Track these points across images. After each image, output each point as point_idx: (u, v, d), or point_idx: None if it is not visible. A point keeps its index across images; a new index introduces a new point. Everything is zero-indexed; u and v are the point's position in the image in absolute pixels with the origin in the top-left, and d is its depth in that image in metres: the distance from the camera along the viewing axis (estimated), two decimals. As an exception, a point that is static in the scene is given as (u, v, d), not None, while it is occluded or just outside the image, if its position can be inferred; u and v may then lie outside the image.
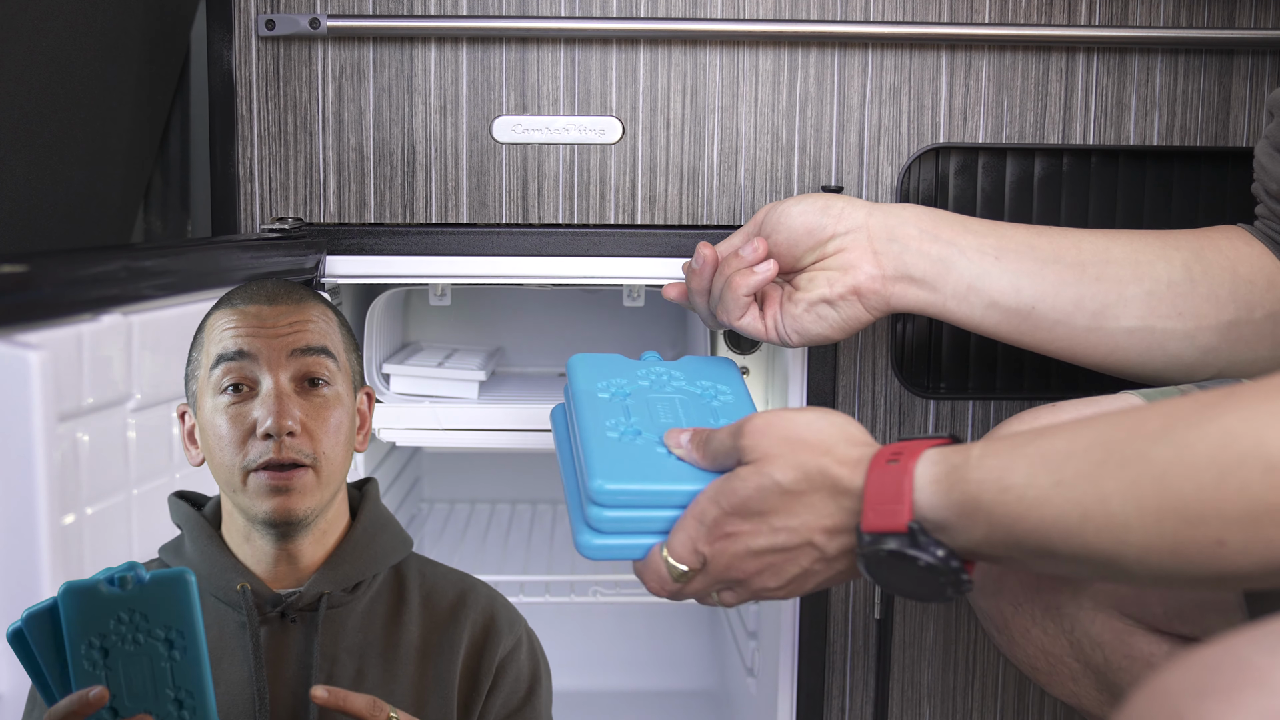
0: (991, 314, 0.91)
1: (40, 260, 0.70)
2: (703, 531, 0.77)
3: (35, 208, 1.06)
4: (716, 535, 0.76)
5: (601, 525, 0.79)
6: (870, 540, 0.70)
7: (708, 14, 1.07)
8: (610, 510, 0.78)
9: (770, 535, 0.75)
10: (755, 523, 0.75)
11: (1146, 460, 0.60)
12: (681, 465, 0.80)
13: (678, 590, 0.79)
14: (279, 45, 1.06)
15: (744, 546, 0.75)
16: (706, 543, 0.77)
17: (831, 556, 0.75)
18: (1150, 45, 1.08)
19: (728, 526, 0.76)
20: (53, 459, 0.70)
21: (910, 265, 0.91)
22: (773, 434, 0.75)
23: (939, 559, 0.69)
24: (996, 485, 0.66)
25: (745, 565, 0.76)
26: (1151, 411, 0.63)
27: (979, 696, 1.16)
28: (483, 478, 1.65)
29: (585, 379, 0.92)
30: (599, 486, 0.78)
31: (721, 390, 0.93)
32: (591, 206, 1.09)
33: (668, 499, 0.78)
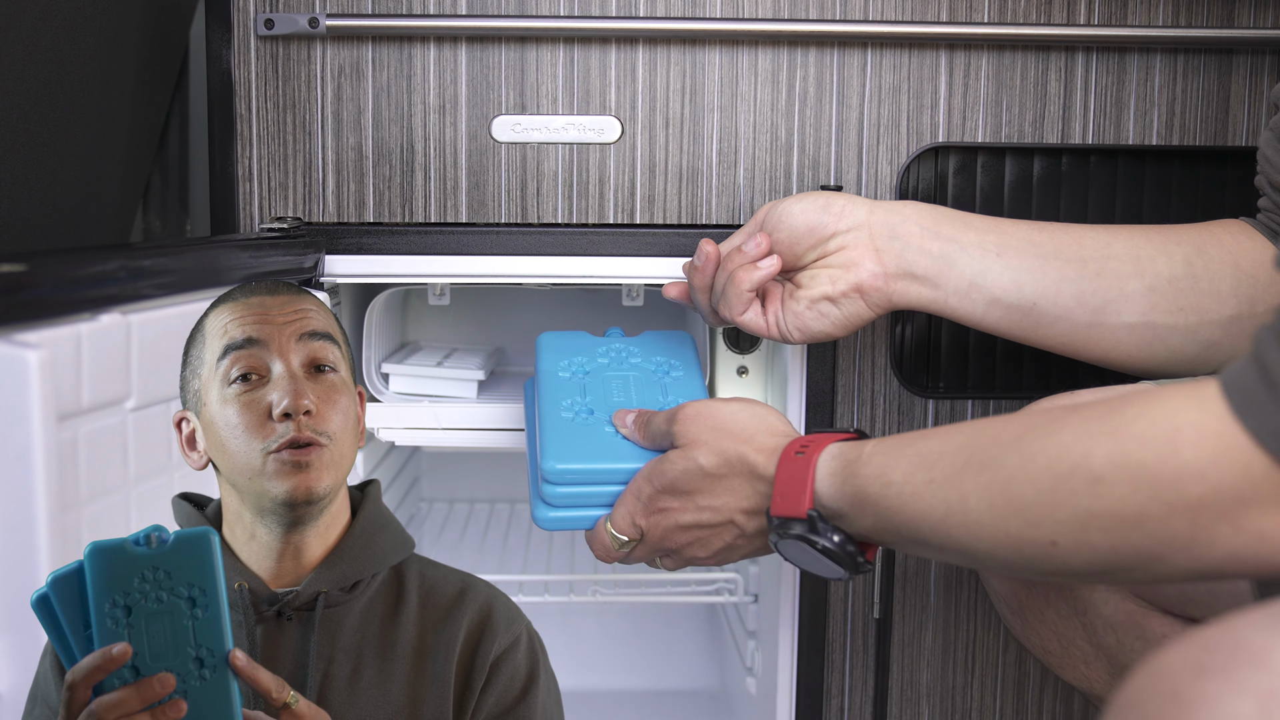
0: (993, 311, 0.91)
1: (39, 260, 0.70)
2: (639, 506, 0.86)
3: (34, 207, 1.06)
4: (651, 510, 0.85)
5: (554, 500, 0.89)
6: (778, 524, 0.79)
7: (707, 13, 1.07)
8: (561, 487, 0.88)
9: (696, 513, 0.84)
10: (683, 500, 0.84)
11: (999, 465, 0.67)
12: (626, 444, 0.90)
13: (623, 558, 0.88)
14: (278, 44, 1.06)
15: (674, 521, 0.84)
16: (643, 516, 0.86)
17: (750, 534, 0.84)
18: (1149, 44, 1.08)
19: (660, 503, 0.85)
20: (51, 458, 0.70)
21: (912, 262, 0.91)
22: (701, 422, 0.85)
23: (835, 544, 0.77)
24: (880, 480, 0.74)
25: (677, 537, 0.85)
26: (1012, 421, 0.69)
27: (978, 696, 1.16)
28: (482, 477, 1.65)
29: (550, 358, 1.04)
30: (550, 466, 0.88)
31: (674, 365, 1.04)
32: (590, 206, 1.09)
33: (612, 476, 0.88)
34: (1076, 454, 0.63)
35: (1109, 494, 0.61)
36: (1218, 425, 0.58)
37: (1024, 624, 0.96)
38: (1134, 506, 0.61)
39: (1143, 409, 0.61)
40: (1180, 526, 0.60)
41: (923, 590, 1.14)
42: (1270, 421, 0.56)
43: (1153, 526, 0.61)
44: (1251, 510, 0.58)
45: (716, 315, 0.98)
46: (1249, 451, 0.57)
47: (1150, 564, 0.63)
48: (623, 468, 0.88)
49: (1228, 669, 0.46)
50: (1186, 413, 0.59)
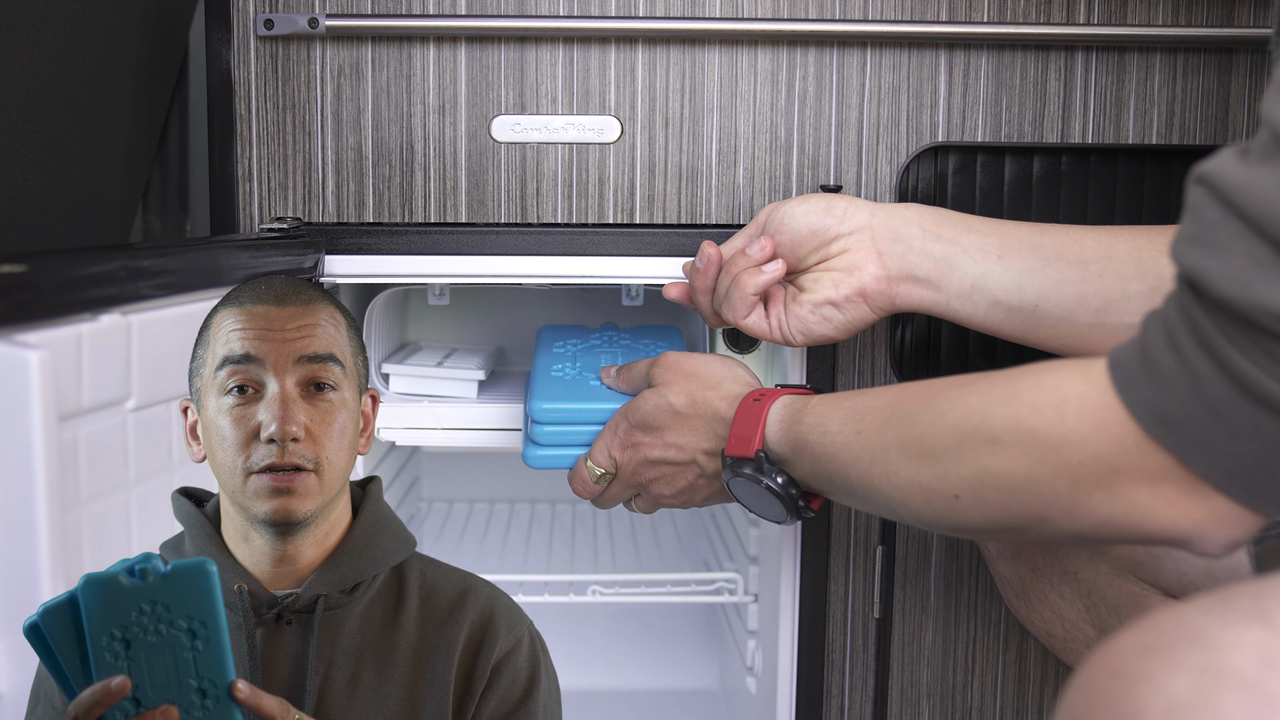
0: (995, 313, 0.91)
1: (39, 260, 0.70)
2: (615, 441, 0.95)
3: (34, 207, 1.06)
4: (625, 444, 0.95)
5: (540, 439, 0.99)
6: (731, 463, 0.88)
7: (706, 13, 1.07)
8: (548, 426, 0.98)
9: (663, 449, 0.93)
10: (653, 436, 0.93)
11: (915, 421, 0.74)
12: (608, 392, 1.00)
13: (599, 493, 0.97)
14: (277, 45, 1.06)
15: (644, 456, 0.94)
16: (619, 450, 0.95)
17: (710, 475, 0.93)
18: (1149, 43, 1.08)
19: (633, 438, 0.94)
20: (52, 458, 0.70)
21: (914, 265, 0.91)
22: (677, 367, 0.94)
23: (779, 485, 0.86)
24: (818, 429, 0.82)
25: (646, 472, 0.94)
26: (934, 383, 0.76)
27: (978, 695, 1.16)
28: (482, 477, 1.65)
29: (548, 339, 1.15)
30: (537, 406, 0.98)
31: (660, 346, 1.12)
32: (590, 206, 1.09)
33: (593, 416, 0.98)
34: (979, 416, 0.69)
35: (1003, 455, 0.67)
36: (1100, 398, 0.63)
37: (1027, 607, 0.98)
38: (1024, 468, 0.66)
39: (1038, 379, 0.67)
40: (1062, 490, 0.65)
41: (923, 590, 1.14)
42: (1144, 398, 0.61)
43: (1039, 488, 0.66)
44: (1124, 479, 0.63)
45: (717, 317, 0.98)
46: (1125, 424, 0.62)
47: (1038, 525, 0.68)
48: (603, 408, 0.98)
49: (1169, 648, 0.48)
50: (1074, 385, 0.65)
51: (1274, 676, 0.45)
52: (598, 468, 0.96)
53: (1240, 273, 0.56)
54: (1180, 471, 0.61)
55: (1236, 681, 0.46)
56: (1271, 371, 0.56)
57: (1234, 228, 0.56)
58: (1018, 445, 0.66)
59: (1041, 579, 0.96)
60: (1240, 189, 0.56)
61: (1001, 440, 0.67)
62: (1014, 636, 1.15)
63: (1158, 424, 0.60)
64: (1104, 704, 0.49)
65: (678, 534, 1.56)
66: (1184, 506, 0.62)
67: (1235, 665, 0.46)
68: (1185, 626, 0.49)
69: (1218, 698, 0.45)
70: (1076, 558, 0.93)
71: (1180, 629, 0.49)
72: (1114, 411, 0.62)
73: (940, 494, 0.72)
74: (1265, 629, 0.47)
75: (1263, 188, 0.55)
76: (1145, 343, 0.62)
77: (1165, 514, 0.63)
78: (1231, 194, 0.56)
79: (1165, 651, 0.48)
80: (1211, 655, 0.47)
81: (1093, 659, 0.51)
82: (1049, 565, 0.95)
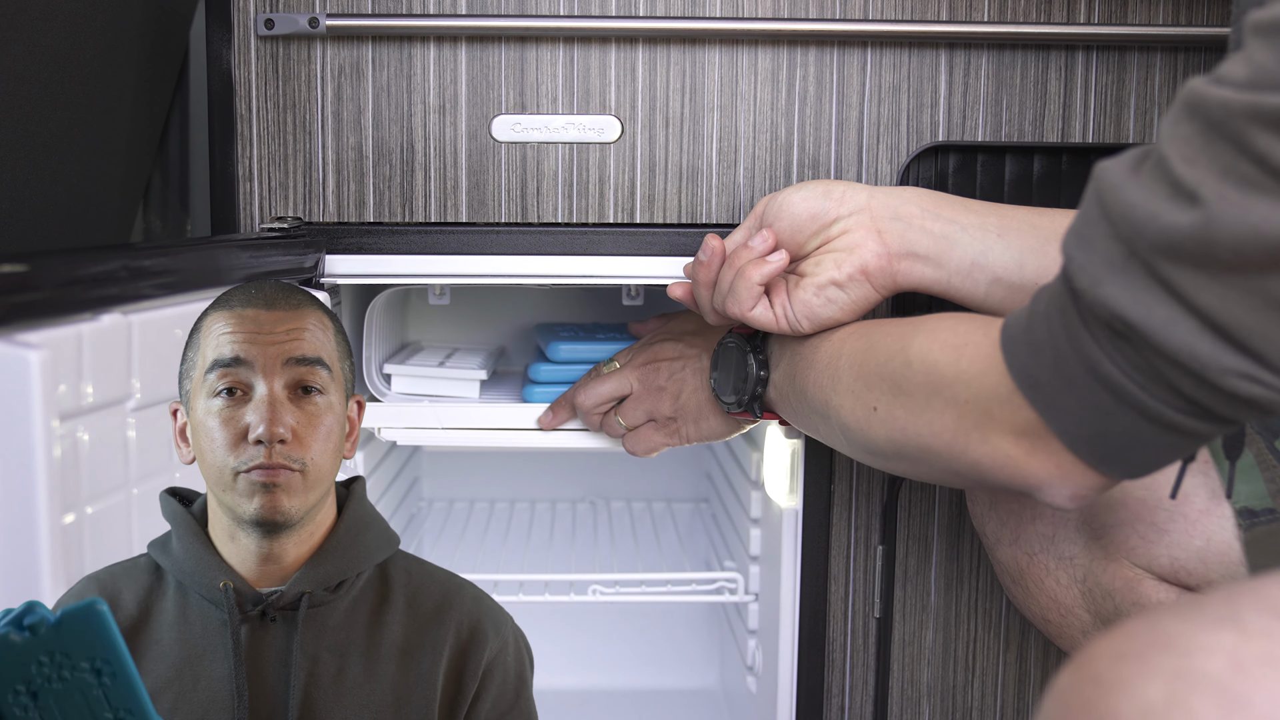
0: (996, 290, 0.91)
1: (40, 260, 0.70)
2: (638, 347, 1.11)
3: (35, 207, 1.06)
4: (646, 345, 1.10)
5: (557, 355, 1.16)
6: (727, 336, 1.01)
7: (706, 13, 1.07)
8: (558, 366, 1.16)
9: (679, 344, 1.08)
10: (675, 341, 1.08)
11: (867, 340, 0.84)
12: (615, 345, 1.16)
13: (597, 385, 1.09)
14: (278, 44, 1.06)
15: (659, 352, 1.08)
16: (639, 351, 1.10)
17: (707, 369, 1.05)
18: (1149, 43, 1.08)
19: (656, 337, 1.10)
20: (52, 458, 0.70)
21: (914, 242, 0.91)
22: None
23: (755, 363, 0.97)
24: (811, 344, 0.92)
25: (659, 373, 1.08)
26: (894, 318, 0.87)
27: (979, 695, 1.16)
28: (483, 477, 1.65)
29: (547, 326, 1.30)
30: (555, 346, 1.16)
31: None
32: (590, 205, 1.09)
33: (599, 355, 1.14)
34: (905, 342, 0.79)
35: (912, 377, 0.77)
36: (990, 349, 0.71)
37: (1024, 593, 0.99)
38: (924, 392, 0.76)
39: (954, 323, 0.77)
40: (948, 423, 0.74)
41: (923, 590, 1.14)
42: (1019, 357, 0.68)
43: (931, 415, 0.75)
44: (996, 426, 0.71)
45: (718, 313, 0.97)
46: (1002, 376, 0.69)
47: (926, 455, 0.77)
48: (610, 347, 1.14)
49: (1142, 654, 0.49)
50: (976, 334, 0.73)
51: (1245, 680, 0.46)
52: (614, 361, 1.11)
53: (1096, 269, 0.62)
54: (1040, 427, 0.68)
55: (1209, 685, 0.47)
56: (1111, 357, 0.62)
57: (1103, 227, 0.62)
58: (923, 372, 0.76)
59: (1037, 565, 0.97)
60: (1112, 190, 0.62)
61: (913, 364, 0.77)
62: (1014, 636, 1.15)
63: (1026, 382, 0.68)
64: (1080, 709, 0.50)
65: (678, 533, 1.56)
66: (1039, 458, 0.69)
67: (1207, 669, 0.47)
68: (1159, 632, 0.50)
69: (1191, 702, 0.46)
70: (1072, 543, 0.94)
71: (1154, 635, 0.50)
72: (996, 362, 0.70)
73: (865, 404, 0.82)
74: (1237, 633, 0.48)
75: (1129, 194, 0.60)
76: (1032, 310, 0.68)
77: (1023, 462, 0.70)
78: (1105, 194, 0.63)
79: (1139, 657, 0.49)
80: (1184, 660, 0.48)
81: (1069, 666, 0.52)
82: (1045, 551, 0.96)
